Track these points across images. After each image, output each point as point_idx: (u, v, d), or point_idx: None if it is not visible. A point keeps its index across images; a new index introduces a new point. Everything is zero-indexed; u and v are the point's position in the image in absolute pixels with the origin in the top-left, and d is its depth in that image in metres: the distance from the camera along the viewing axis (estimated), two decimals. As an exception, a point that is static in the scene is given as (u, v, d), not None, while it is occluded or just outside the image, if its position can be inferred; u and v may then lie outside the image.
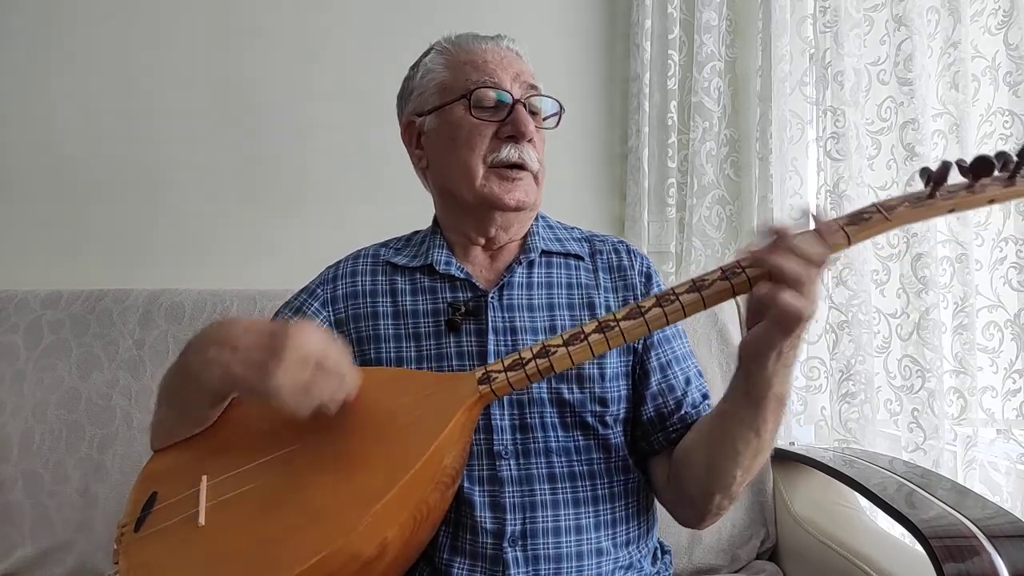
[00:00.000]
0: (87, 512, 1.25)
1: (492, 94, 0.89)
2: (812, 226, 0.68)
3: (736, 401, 0.76)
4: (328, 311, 0.92)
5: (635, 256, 0.97)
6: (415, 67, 0.98)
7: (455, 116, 0.90)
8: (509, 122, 0.88)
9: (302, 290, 0.97)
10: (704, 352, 1.34)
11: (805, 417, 1.52)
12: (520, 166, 0.89)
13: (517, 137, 0.88)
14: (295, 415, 0.69)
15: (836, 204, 1.42)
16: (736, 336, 1.36)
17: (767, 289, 0.66)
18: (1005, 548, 0.77)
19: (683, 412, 0.89)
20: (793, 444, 1.45)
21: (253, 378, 0.68)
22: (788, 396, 0.75)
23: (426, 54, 0.97)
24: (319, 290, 0.94)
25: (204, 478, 0.72)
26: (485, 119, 0.89)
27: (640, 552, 0.87)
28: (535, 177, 0.91)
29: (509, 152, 0.88)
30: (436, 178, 0.95)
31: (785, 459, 1.31)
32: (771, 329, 0.67)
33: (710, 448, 0.81)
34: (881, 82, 1.41)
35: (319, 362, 0.69)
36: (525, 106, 0.90)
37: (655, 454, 0.91)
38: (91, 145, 1.62)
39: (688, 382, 0.92)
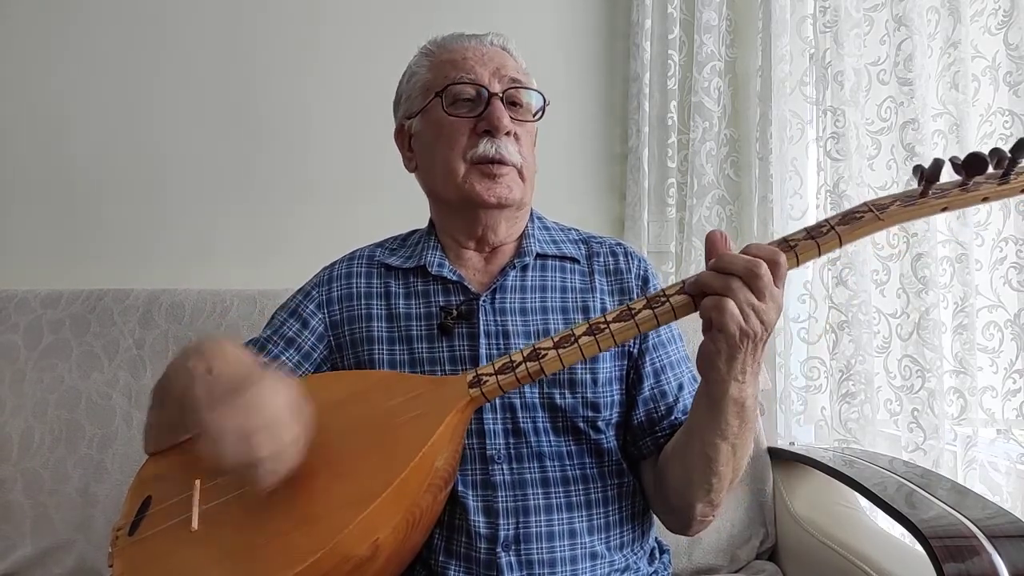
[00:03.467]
0: (87, 512, 1.26)
1: (470, 89, 0.88)
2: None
3: (699, 405, 0.77)
4: (324, 313, 0.92)
5: (632, 259, 0.96)
6: (405, 72, 0.98)
7: (436, 115, 0.90)
8: (485, 116, 0.87)
9: (297, 292, 0.96)
10: (695, 346, 1.33)
11: (805, 417, 1.52)
12: (500, 161, 0.87)
13: (492, 131, 0.87)
14: (221, 461, 0.63)
15: (836, 204, 1.41)
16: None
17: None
18: (1005, 548, 0.78)
19: (673, 417, 0.89)
20: (793, 444, 1.45)
21: (203, 407, 0.64)
22: (751, 404, 0.75)
23: (414, 57, 0.97)
24: (314, 292, 0.94)
25: (197, 483, 0.72)
26: (462, 115, 0.88)
27: (636, 554, 0.87)
28: (519, 172, 0.90)
29: (486, 147, 0.87)
30: (424, 180, 0.95)
31: (785, 459, 1.31)
32: (713, 334, 0.69)
33: (684, 455, 0.81)
34: (881, 82, 1.41)
35: (268, 424, 0.64)
36: (503, 100, 0.89)
37: (643, 459, 0.90)
38: (91, 145, 1.62)
39: (680, 388, 0.91)
